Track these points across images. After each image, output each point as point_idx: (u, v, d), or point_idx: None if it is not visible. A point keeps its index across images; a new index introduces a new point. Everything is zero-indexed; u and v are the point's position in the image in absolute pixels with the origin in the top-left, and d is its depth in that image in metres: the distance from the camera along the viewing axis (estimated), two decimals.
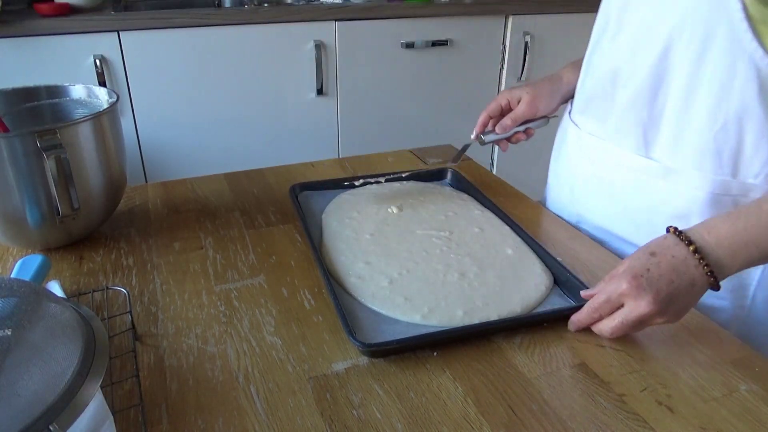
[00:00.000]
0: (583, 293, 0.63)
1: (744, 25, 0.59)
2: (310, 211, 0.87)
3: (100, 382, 0.45)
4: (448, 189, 0.93)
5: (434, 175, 0.98)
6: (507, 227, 0.81)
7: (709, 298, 0.63)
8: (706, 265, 0.55)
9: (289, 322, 0.65)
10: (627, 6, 0.73)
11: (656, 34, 0.68)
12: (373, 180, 0.94)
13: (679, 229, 0.58)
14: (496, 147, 2.38)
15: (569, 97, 0.92)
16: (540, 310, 0.66)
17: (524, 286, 0.68)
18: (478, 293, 0.67)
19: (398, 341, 0.60)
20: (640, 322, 0.57)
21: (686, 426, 0.52)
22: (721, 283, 0.57)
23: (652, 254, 0.57)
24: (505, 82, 2.27)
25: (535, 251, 0.76)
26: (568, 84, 0.90)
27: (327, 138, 2.12)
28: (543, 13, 2.21)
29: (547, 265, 0.73)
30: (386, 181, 0.94)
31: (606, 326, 0.59)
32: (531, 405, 0.54)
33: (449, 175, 0.98)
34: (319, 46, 1.95)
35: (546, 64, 2.30)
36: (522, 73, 2.25)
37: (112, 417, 0.47)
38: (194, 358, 0.60)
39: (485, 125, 0.92)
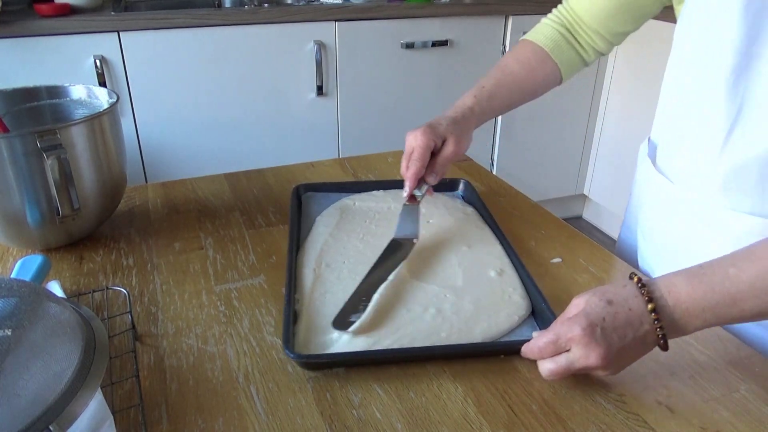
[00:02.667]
0: (535, 335, 0.57)
1: None
2: (308, 212, 0.86)
3: (100, 382, 0.45)
4: (459, 201, 0.88)
5: (447, 186, 0.92)
6: (499, 247, 0.76)
7: (760, 328, 0.64)
8: (661, 327, 0.52)
9: None
10: None
11: None
12: (377, 186, 0.91)
13: (643, 281, 0.54)
14: (497, 146, 2.41)
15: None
16: (503, 339, 0.62)
17: (495, 314, 0.64)
18: (448, 323, 0.62)
19: (329, 356, 0.58)
20: (582, 371, 0.54)
21: (686, 426, 0.52)
22: None
23: (609, 303, 0.53)
24: None
25: (519, 276, 0.70)
26: (480, 117, 0.81)
27: (327, 138, 2.12)
28: (543, 13, 2.21)
29: (528, 292, 0.68)
30: (394, 188, 0.90)
31: (547, 367, 0.55)
32: (531, 405, 0.54)
33: (462, 186, 0.92)
34: (319, 46, 1.95)
35: None
36: None
37: (112, 417, 0.47)
38: (194, 358, 0.60)
39: (419, 178, 0.76)
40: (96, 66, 1.74)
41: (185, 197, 0.94)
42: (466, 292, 0.67)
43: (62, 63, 1.73)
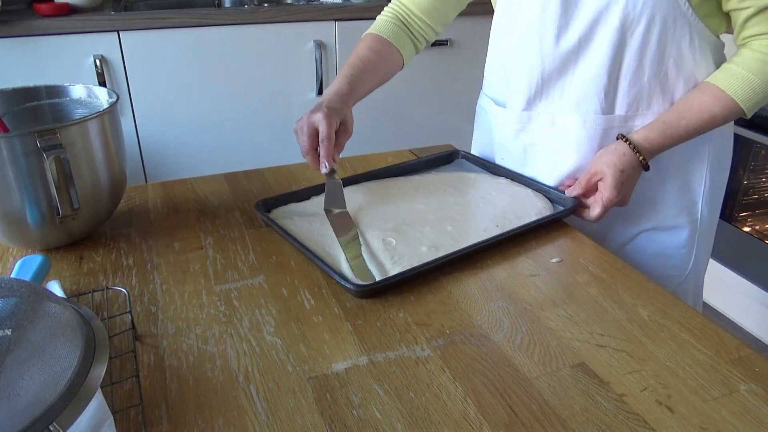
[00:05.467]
0: (568, 192, 0.88)
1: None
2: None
3: (100, 382, 0.45)
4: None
5: (443, 160, 1.05)
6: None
7: (671, 218, 0.92)
8: (647, 165, 0.85)
9: (289, 322, 0.65)
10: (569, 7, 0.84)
11: (612, 13, 0.81)
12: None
13: (633, 144, 0.84)
14: None
15: None
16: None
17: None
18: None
19: (383, 280, 0.68)
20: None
21: (686, 426, 0.52)
22: (675, 207, 0.92)
23: (622, 171, 0.84)
24: None
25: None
26: (353, 102, 0.95)
27: None
28: None
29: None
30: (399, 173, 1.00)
31: (597, 213, 0.86)
32: (531, 405, 0.54)
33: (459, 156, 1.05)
34: (319, 46, 1.95)
35: None
36: None
37: (112, 417, 0.47)
38: (194, 358, 0.60)
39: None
40: (96, 66, 1.74)
41: (185, 197, 0.94)
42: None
43: (62, 63, 1.73)
